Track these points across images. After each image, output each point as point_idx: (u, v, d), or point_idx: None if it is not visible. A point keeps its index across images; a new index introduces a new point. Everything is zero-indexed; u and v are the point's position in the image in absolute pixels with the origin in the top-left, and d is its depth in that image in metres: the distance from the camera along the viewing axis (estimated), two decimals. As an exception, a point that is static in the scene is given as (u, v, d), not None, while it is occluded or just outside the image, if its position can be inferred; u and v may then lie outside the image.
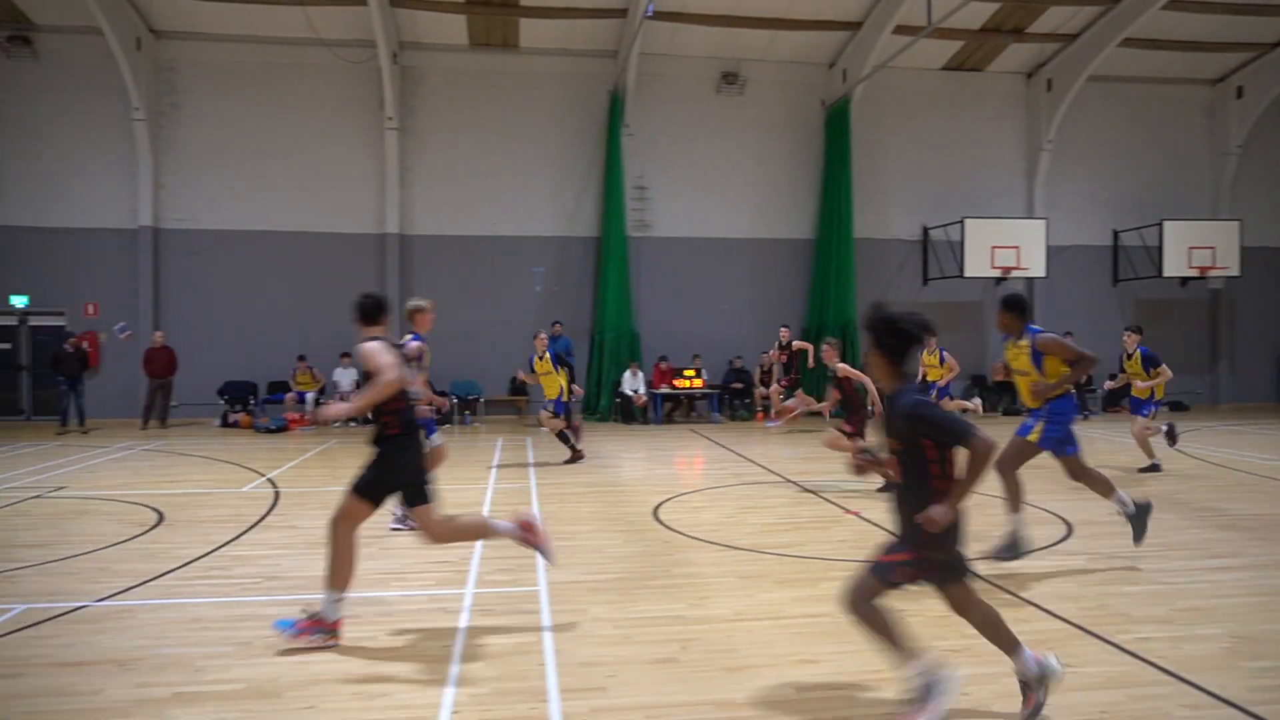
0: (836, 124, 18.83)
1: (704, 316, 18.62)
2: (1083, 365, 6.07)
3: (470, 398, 17.60)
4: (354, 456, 12.46)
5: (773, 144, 19.24)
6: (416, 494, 4.95)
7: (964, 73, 19.73)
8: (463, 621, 5.05)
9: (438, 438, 7.92)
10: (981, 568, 6.11)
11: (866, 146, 19.03)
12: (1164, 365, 10.61)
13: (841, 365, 9.45)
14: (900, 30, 16.92)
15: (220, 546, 6.89)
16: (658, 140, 18.69)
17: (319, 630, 4.62)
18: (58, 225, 17.29)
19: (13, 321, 17.48)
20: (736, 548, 6.85)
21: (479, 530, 5.26)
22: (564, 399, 11.66)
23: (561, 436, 11.68)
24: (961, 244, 18.54)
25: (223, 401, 16.92)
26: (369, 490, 4.86)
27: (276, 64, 17.76)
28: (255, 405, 17.02)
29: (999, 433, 5.15)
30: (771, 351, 16.78)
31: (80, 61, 17.21)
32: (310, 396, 16.66)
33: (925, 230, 19.52)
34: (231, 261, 17.66)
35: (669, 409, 17.81)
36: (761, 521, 7.90)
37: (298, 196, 17.86)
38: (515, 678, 4.23)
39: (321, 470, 11.29)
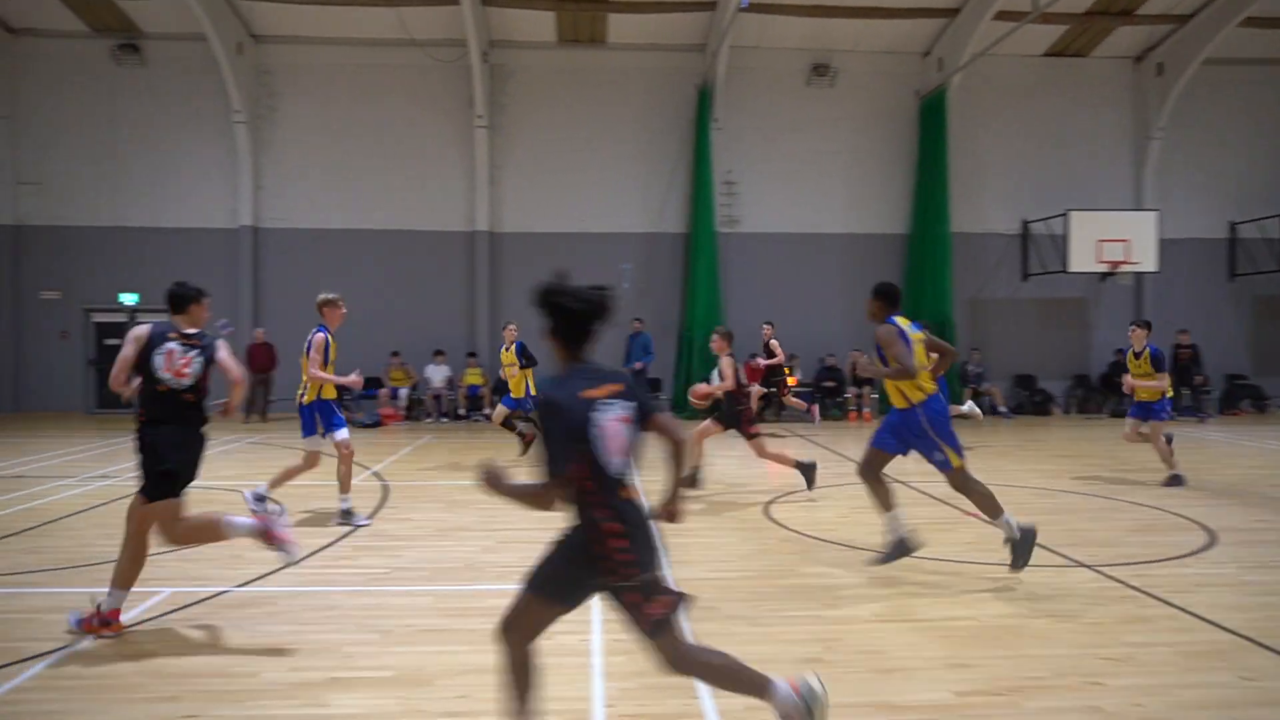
0: (932, 114, 18.39)
1: (795, 313, 18.38)
2: (894, 373, 5.82)
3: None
4: (449, 452, 12.78)
5: (864, 136, 18.90)
6: (166, 485, 4.76)
7: (1067, 59, 19.05)
8: (595, 616, 5.06)
9: (335, 436, 7.74)
10: (1129, 576, 5.88)
11: (963, 137, 18.54)
12: (1166, 371, 9.63)
13: (726, 359, 9.28)
14: (1001, 16, 16.42)
15: (343, 537, 7.07)
16: (746, 134, 18.54)
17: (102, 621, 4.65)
18: (165, 225, 18.05)
19: (123, 319, 18.30)
20: (859, 548, 6.72)
21: (214, 530, 4.91)
22: (520, 396, 11.39)
23: (507, 424, 11.59)
24: (1064, 238, 17.89)
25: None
26: (149, 488, 4.75)
27: (369, 65, 18.20)
28: (350, 400, 17.47)
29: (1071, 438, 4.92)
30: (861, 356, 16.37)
31: (185, 67, 17.92)
32: (404, 392, 17.03)
33: (1025, 224, 18.91)
34: (326, 259, 18.14)
35: (760, 407, 17.62)
36: (879, 522, 7.73)
37: (389, 195, 18.27)
38: (658, 672, 4.21)
39: (422, 464, 11.51)
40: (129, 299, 18.10)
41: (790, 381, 15.87)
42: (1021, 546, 5.64)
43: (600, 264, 18.41)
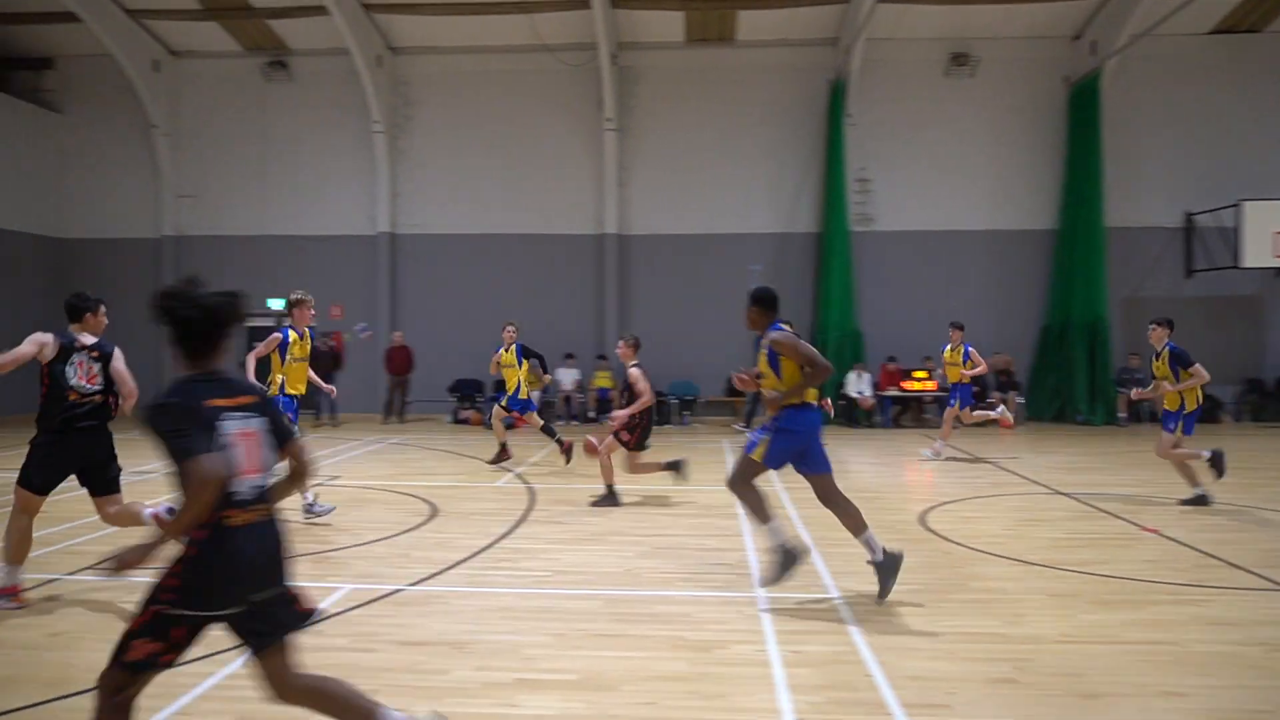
0: (1083, 102, 17.53)
1: (933, 314, 17.84)
2: (817, 374, 5.46)
3: (688, 398, 17.82)
4: (582, 452, 12.98)
5: (1008, 128, 18.18)
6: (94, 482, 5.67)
7: (1237, 35, 17.80)
8: (766, 625, 5.05)
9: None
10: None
11: (1117, 125, 17.57)
12: (1197, 365, 8.42)
13: (634, 370, 8.82)
14: (1165, -8, 15.52)
15: (499, 539, 7.29)
16: (881, 129, 18.13)
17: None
18: (308, 233, 19.11)
19: (270, 323, 19.44)
20: (1030, 563, 6.46)
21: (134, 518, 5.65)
22: (520, 395, 11.61)
23: (546, 430, 11.80)
24: (1236, 230, 16.73)
25: (453, 398, 18.08)
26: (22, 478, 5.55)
27: (500, 71, 18.75)
28: (483, 403, 18.05)
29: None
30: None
31: (328, 81, 18.91)
32: (535, 395, 17.44)
33: (1189, 216, 17.77)
34: (459, 264, 18.82)
35: (896, 412, 17.24)
36: (1049, 536, 7.43)
37: (520, 199, 18.77)
38: (845, 686, 4.17)
39: (558, 467, 11.75)
40: (275, 304, 19.22)
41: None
42: (784, 561, 5.44)
43: (729, 265, 18.42)
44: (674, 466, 9.03)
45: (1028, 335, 18.09)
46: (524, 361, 11.75)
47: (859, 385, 17.03)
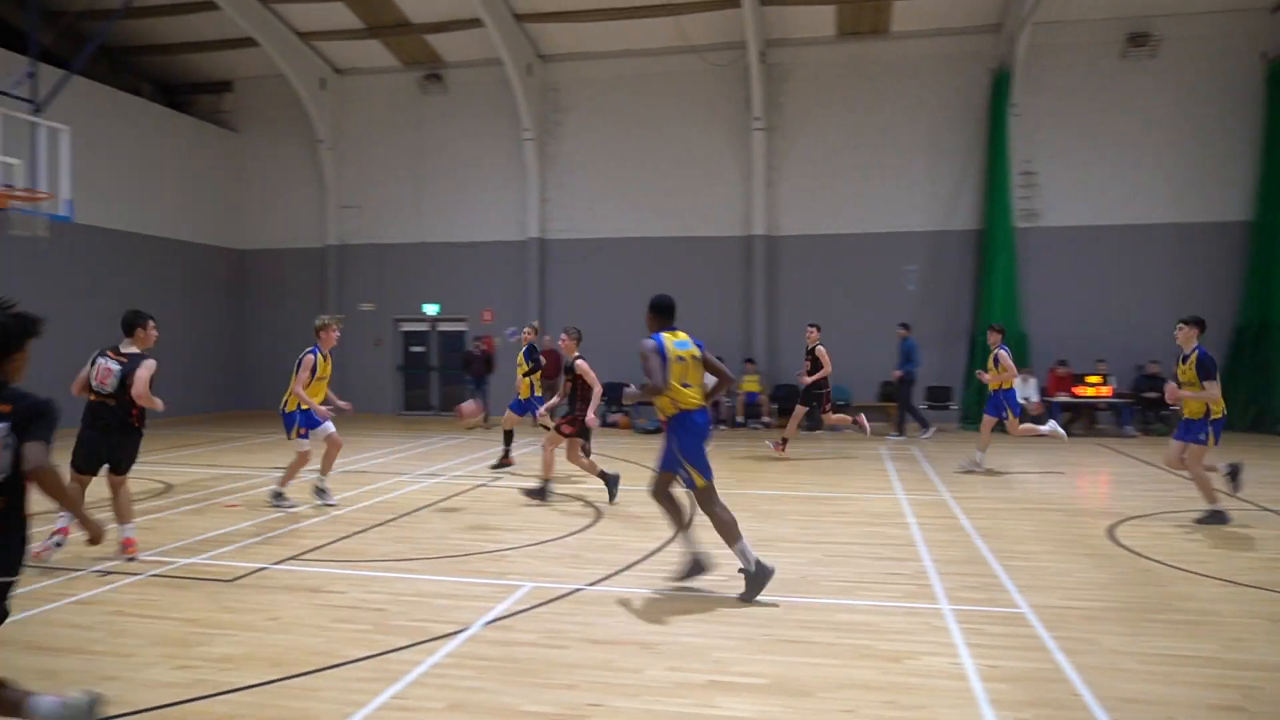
0: (1284, 79, 16.27)
1: (1107, 315, 16.98)
2: (652, 387, 6.05)
3: (839, 403, 17.53)
4: (738, 459, 13.07)
5: (1194, 111, 17.02)
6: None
7: None
8: (956, 637, 4.98)
9: (326, 430, 8.82)
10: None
11: (1324, 104, 16.23)
12: (1215, 383, 7.79)
13: (580, 362, 9.50)
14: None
15: (667, 542, 7.44)
16: (1049, 119, 17.35)
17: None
18: (460, 240, 20.00)
19: (425, 327, 20.49)
20: (1242, 584, 6.08)
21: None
22: (526, 397, 11.63)
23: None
24: None
25: (600, 401, 18.46)
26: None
27: (647, 74, 19.07)
28: (630, 407, 18.39)
29: None
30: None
31: (480, 91, 19.77)
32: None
33: None
34: (608, 267, 19.24)
35: (1067, 419, 16.42)
36: (1259, 556, 6.97)
37: (667, 202, 19.02)
38: (1052, 704, 4.07)
39: (717, 470, 11.79)
40: (431, 309, 20.21)
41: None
42: (755, 580, 5.74)
43: (883, 265, 18.11)
44: (608, 481, 9.28)
45: (1218, 337, 16.85)
46: (531, 365, 11.84)
47: (1024, 391, 16.33)
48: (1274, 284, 16.01)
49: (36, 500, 3.35)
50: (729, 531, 5.92)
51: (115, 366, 6.54)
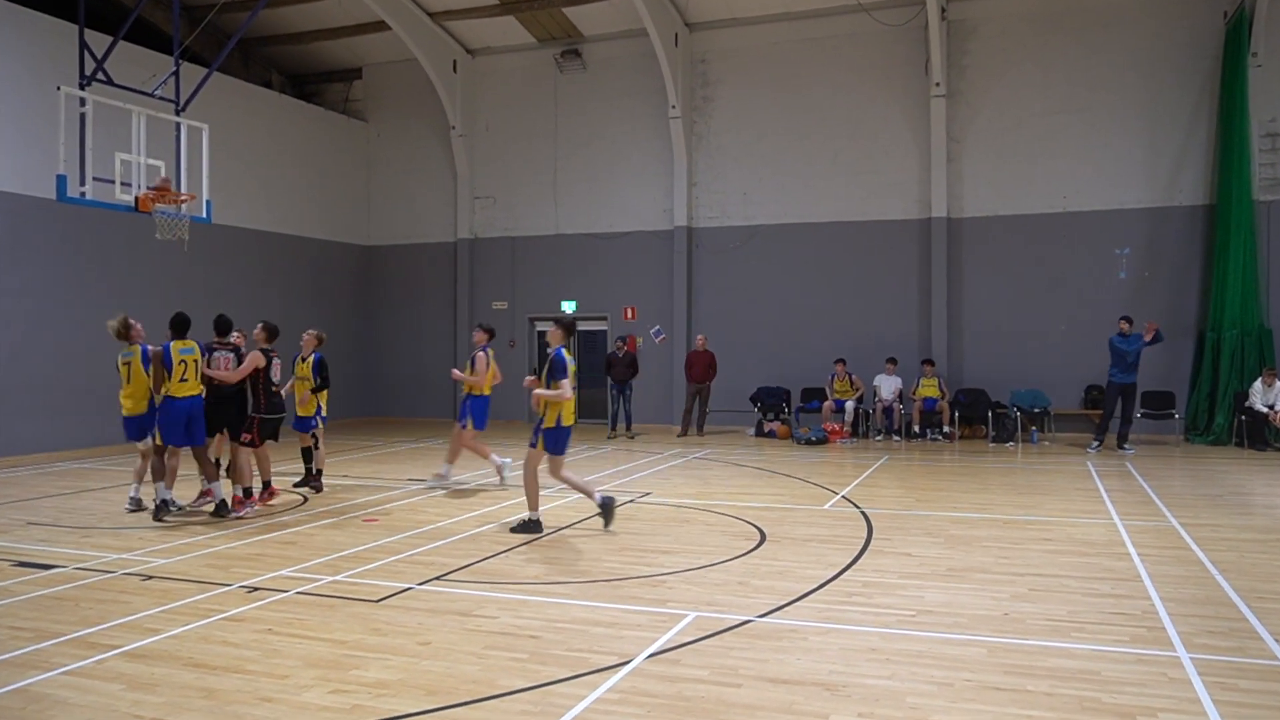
0: None
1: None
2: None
3: (1035, 410, 16.85)
4: (915, 474, 12.77)
5: None
6: None
7: None
8: (1200, 693, 4.69)
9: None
10: None
11: None
12: None
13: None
14: None
15: (843, 570, 7.36)
16: (1298, 69, 16.14)
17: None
18: (601, 231, 20.37)
19: (545, 327, 20.94)
20: None
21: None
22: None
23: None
24: None
25: (755, 409, 18.44)
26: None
27: (806, 40, 18.89)
28: (789, 414, 18.24)
29: None
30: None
31: (621, 66, 20.12)
32: (849, 405, 17.36)
33: None
34: (763, 258, 19.17)
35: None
36: None
37: (831, 183, 18.78)
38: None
39: (894, 488, 11.63)
40: (569, 306, 20.67)
41: None
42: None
43: (1088, 250, 17.31)
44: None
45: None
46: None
47: (1268, 397, 15.21)
48: None
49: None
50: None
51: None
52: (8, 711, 4.57)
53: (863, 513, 9.89)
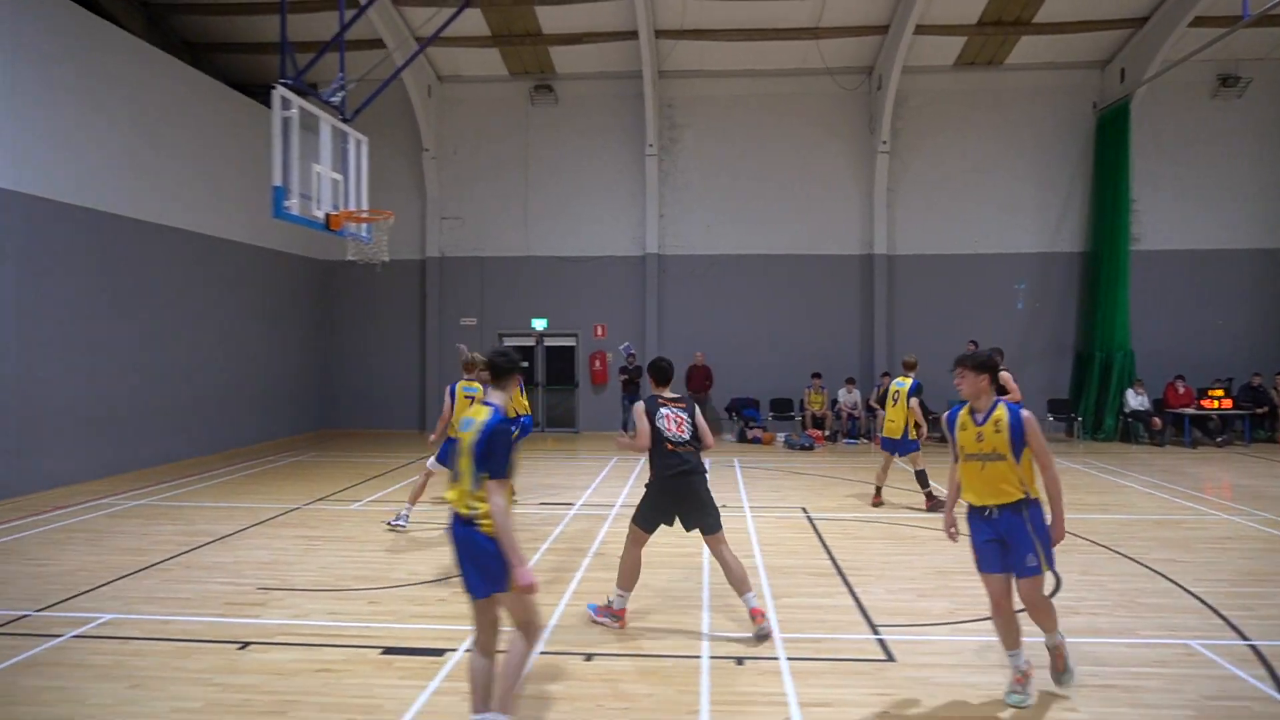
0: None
1: (1195, 332, 18.85)
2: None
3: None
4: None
5: (1273, 145, 19.17)
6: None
7: None
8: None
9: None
10: None
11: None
12: None
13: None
14: None
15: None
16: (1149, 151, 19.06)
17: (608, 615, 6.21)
18: (570, 254, 20.01)
19: (530, 342, 20.39)
20: None
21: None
22: None
23: None
24: None
25: (731, 418, 18.98)
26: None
27: (766, 94, 19.54)
28: (766, 422, 18.94)
29: None
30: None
31: (593, 104, 19.75)
32: (829, 415, 18.34)
33: None
34: (723, 284, 19.66)
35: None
36: None
37: (785, 220, 19.53)
38: None
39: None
40: (539, 324, 20.13)
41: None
42: None
43: (995, 284, 19.33)
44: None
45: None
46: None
47: (1139, 402, 17.92)
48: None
49: None
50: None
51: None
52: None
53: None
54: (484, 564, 4.27)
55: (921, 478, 10.78)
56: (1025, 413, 4.82)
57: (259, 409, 17.52)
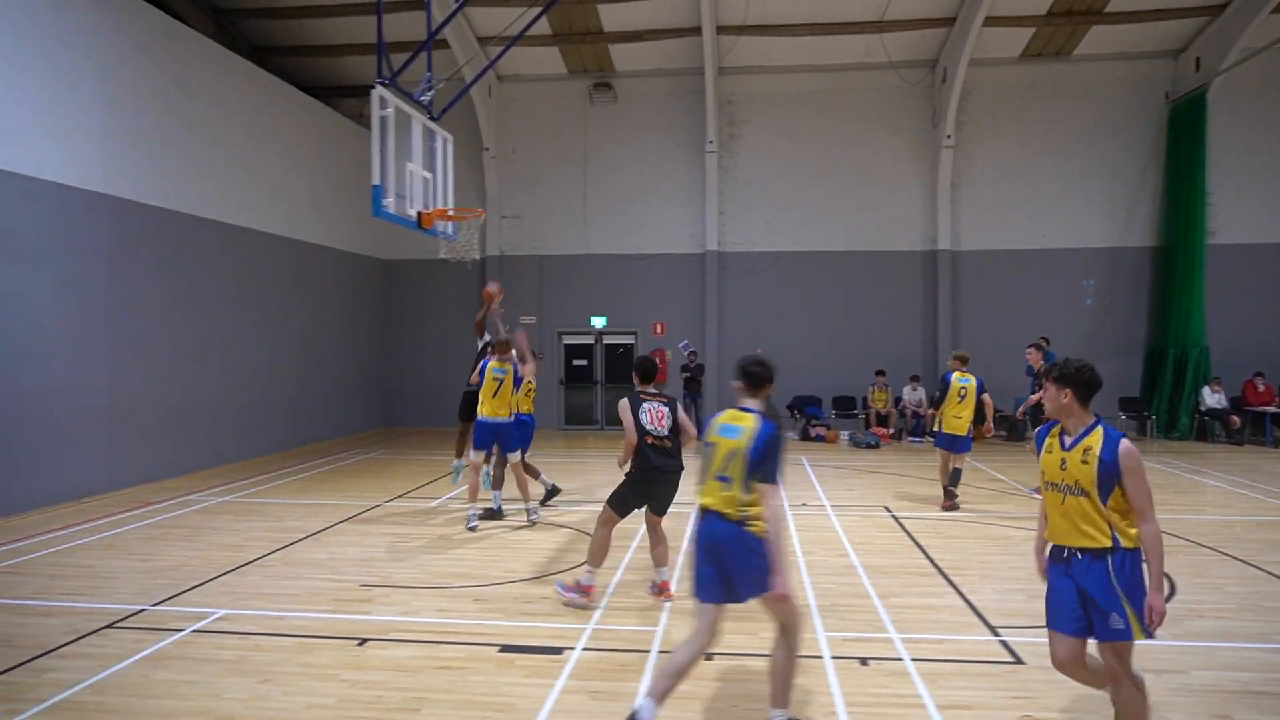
0: None
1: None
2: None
3: (1041, 417, 18.32)
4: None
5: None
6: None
7: None
8: None
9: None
10: None
11: None
12: None
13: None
14: None
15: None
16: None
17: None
18: (629, 252, 19.99)
19: (589, 340, 20.40)
20: None
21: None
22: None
23: None
24: None
25: (793, 416, 18.84)
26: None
27: (826, 89, 19.40)
28: (830, 420, 18.77)
29: None
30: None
31: (651, 101, 19.71)
32: (894, 412, 18.13)
33: None
34: (785, 281, 19.50)
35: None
36: None
37: (846, 216, 19.35)
38: None
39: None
40: (598, 322, 20.13)
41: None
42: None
43: (1063, 279, 18.96)
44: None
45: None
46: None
47: (1215, 400, 17.50)
48: None
49: None
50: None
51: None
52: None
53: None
54: (752, 565, 4.32)
55: (956, 476, 10.54)
56: (1126, 444, 3.88)
57: (327, 407, 17.73)
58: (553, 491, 10.55)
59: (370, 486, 12.37)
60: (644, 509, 6.82)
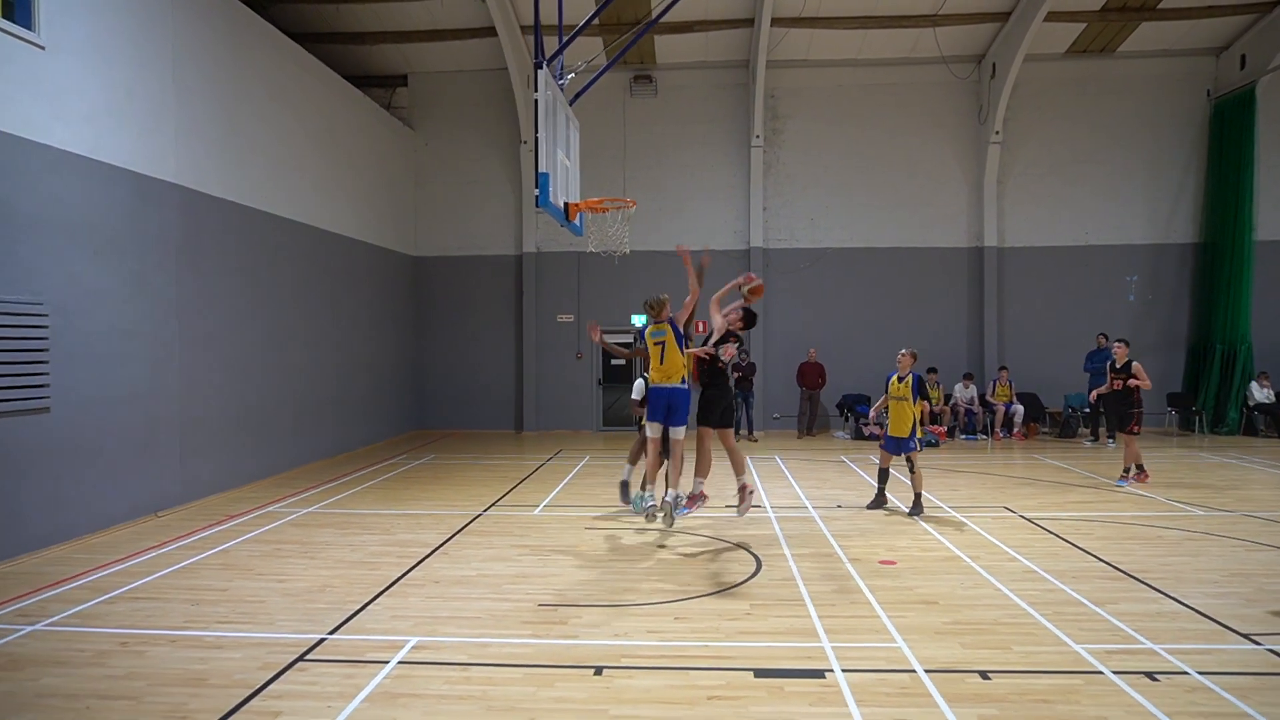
0: None
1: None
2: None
3: (1086, 411, 18.20)
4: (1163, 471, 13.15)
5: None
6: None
7: None
8: None
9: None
10: None
11: None
12: None
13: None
14: None
15: None
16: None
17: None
18: (671, 248, 19.45)
19: (629, 339, 19.80)
20: None
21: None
22: None
23: None
24: None
25: (842, 415, 18.50)
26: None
27: (870, 84, 19.08)
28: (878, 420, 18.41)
29: None
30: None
31: (692, 94, 19.22)
32: (946, 410, 17.87)
33: None
34: (829, 278, 19.20)
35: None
36: None
37: (891, 213, 19.05)
38: None
39: (1190, 484, 11.86)
40: (638, 320, 19.58)
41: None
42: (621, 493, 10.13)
43: (1106, 275, 18.86)
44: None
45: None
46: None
47: (1264, 395, 17.50)
48: None
49: None
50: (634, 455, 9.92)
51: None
52: None
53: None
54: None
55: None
56: None
57: (366, 410, 16.95)
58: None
59: (450, 494, 11.80)
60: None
